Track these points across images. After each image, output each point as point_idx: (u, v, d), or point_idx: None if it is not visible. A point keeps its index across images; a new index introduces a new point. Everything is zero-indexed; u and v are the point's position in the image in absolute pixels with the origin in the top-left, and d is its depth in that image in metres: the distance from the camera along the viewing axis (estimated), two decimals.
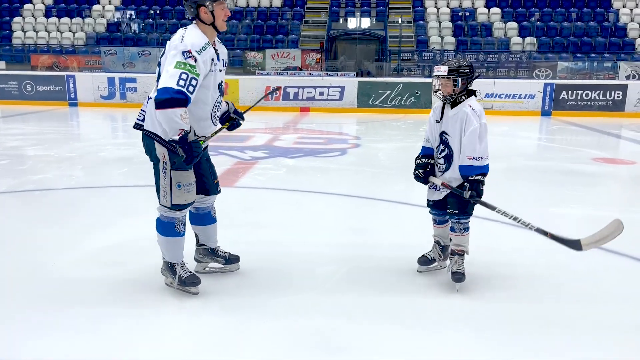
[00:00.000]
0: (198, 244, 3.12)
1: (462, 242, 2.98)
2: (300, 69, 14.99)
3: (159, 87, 2.51)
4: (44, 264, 3.18)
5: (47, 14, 18.04)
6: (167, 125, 2.50)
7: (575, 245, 2.61)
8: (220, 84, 2.77)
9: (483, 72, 14.77)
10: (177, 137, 2.49)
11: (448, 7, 17.79)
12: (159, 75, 2.58)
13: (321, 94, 13.38)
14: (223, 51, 2.82)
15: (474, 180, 2.81)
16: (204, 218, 3.05)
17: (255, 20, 17.47)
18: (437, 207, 3.05)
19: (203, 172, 2.89)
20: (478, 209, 2.91)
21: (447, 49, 15.83)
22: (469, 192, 2.82)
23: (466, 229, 2.96)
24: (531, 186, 5.80)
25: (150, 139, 2.66)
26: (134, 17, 18.02)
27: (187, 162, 2.54)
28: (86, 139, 9.61)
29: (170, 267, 2.84)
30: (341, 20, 18.39)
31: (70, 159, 6.62)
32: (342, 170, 6.39)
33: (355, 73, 14.35)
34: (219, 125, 2.93)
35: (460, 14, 17.25)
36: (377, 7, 18.38)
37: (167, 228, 2.76)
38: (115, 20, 17.92)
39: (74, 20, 17.65)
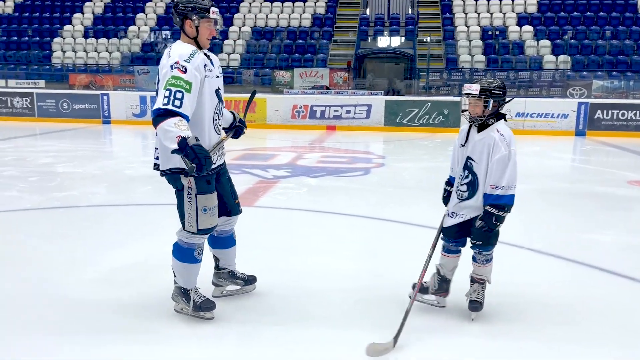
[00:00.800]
0: (217, 268, 3.08)
1: (483, 272, 2.81)
2: (328, 88, 15.03)
3: (152, 109, 2.51)
4: (56, 284, 3.19)
5: (86, 34, 18.70)
6: (164, 139, 2.42)
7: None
8: (217, 91, 2.73)
9: (514, 91, 14.52)
10: (175, 146, 2.36)
11: (478, 25, 17.62)
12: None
13: (348, 112, 13.35)
14: (216, 59, 2.80)
15: (487, 212, 2.65)
16: (226, 241, 3.02)
17: (285, 40, 17.68)
18: (449, 235, 2.84)
19: (223, 193, 2.85)
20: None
21: (477, 67, 15.62)
22: (480, 222, 2.66)
23: (488, 260, 2.79)
24: (561, 210, 5.58)
25: (170, 176, 2.65)
26: (168, 37, 18.47)
27: (198, 168, 2.38)
28: (115, 156, 9.80)
29: (184, 293, 2.79)
30: (370, 39, 18.42)
31: (97, 176, 6.73)
32: (364, 191, 6.29)
33: (383, 91, 14.26)
34: (221, 135, 2.85)
35: (490, 32, 17.04)
36: (407, 26, 18.36)
37: (186, 254, 2.72)
38: (150, 40, 18.43)
39: (110, 40, 18.24)
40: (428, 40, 16.66)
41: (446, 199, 2.94)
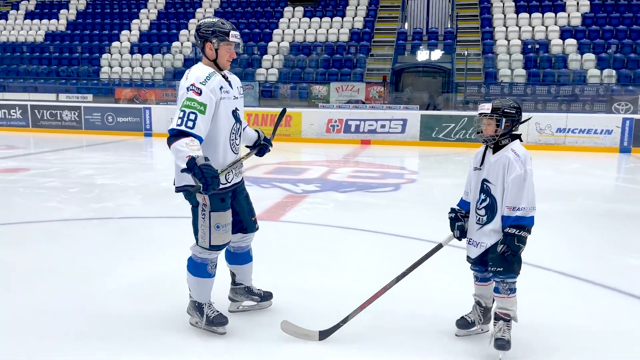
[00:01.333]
0: (234, 283, 3.13)
1: (508, 305, 2.63)
2: (363, 102, 15.06)
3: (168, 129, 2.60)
4: (82, 294, 3.33)
5: (132, 50, 19.46)
6: (176, 158, 2.51)
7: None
8: (234, 111, 2.78)
9: (556, 106, 14.14)
10: (185, 165, 2.43)
11: (519, 38, 17.28)
12: None
13: (383, 126, 13.33)
14: (235, 80, 2.86)
15: (508, 234, 2.54)
16: (242, 257, 3.07)
17: (322, 55, 17.86)
18: (478, 264, 2.76)
19: (240, 210, 2.91)
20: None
21: (516, 82, 15.31)
22: (501, 246, 2.54)
23: (512, 290, 2.62)
24: (598, 231, 5.38)
25: (184, 192, 2.75)
26: None
27: (204, 187, 2.43)
28: (152, 168, 10.13)
29: (197, 307, 2.86)
30: (407, 53, 18.37)
31: (133, 188, 6.98)
32: (392, 207, 6.26)
33: (419, 106, 14.16)
34: (239, 155, 2.90)
35: (530, 46, 16.68)
36: (445, 40, 18.22)
37: (199, 269, 2.79)
38: (192, 56, 18.99)
39: (154, 56, 18.91)
40: (466, 54, 16.45)
41: (452, 226, 2.83)
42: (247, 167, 8.96)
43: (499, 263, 2.59)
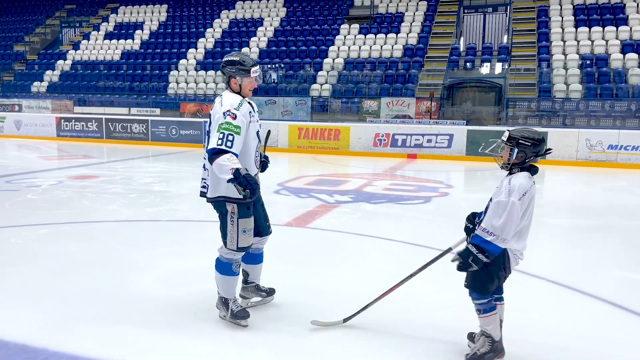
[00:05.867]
0: (246, 282, 3.57)
1: (481, 323, 2.74)
2: (410, 117, 15.35)
3: (207, 149, 3.03)
4: (126, 283, 4.02)
5: (197, 67, 20.82)
6: (220, 172, 2.91)
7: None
8: (257, 133, 3.24)
9: (610, 122, 13.77)
10: (231, 176, 2.84)
11: (577, 53, 16.93)
12: (208, 142, 3.06)
13: (429, 141, 13.58)
14: (255, 105, 3.29)
15: (468, 249, 2.66)
16: (257, 258, 3.53)
17: (376, 70, 18.32)
18: None
19: (257, 216, 3.32)
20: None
21: (570, 97, 15.04)
22: (455, 255, 2.69)
23: (481, 311, 2.72)
24: (620, 248, 5.45)
25: (216, 202, 3.17)
26: (274, 67, 19.84)
27: (251, 193, 2.85)
28: None
29: (224, 302, 3.31)
30: (461, 68, 18.45)
31: (183, 196, 7.78)
32: (416, 218, 6.61)
33: (465, 121, 14.28)
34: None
35: (589, 61, 16.31)
36: (499, 55, 18.15)
37: (225, 268, 3.25)
38: None
39: (217, 73, 20.12)
40: (521, 69, 16.36)
41: (465, 230, 2.96)
42: (292, 178, 9.60)
43: (469, 278, 2.74)
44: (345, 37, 20.30)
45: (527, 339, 3.16)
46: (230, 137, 2.97)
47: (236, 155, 2.98)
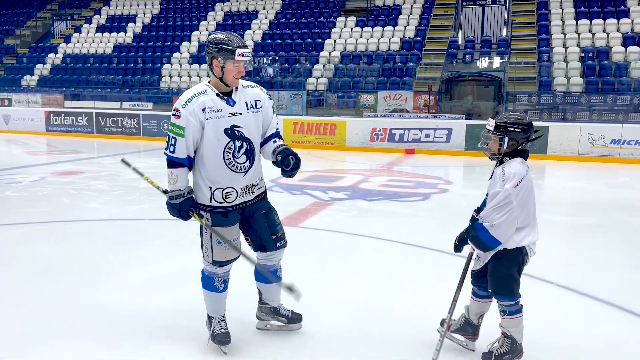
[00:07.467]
0: (260, 301, 3.06)
1: (505, 325, 2.63)
2: (407, 111, 15.02)
3: None
4: (97, 290, 3.67)
5: (191, 61, 20.40)
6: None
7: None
8: (229, 130, 2.65)
9: (612, 116, 13.47)
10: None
11: (578, 46, 16.59)
12: None
13: (427, 136, 13.24)
14: (248, 95, 2.76)
15: (471, 233, 2.60)
16: (266, 276, 2.94)
17: (373, 64, 17.96)
18: (473, 277, 2.78)
19: (257, 228, 2.83)
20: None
21: (571, 91, 14.71)
22: (458, 238, 2.70)
23: (507, 313, 2.59)
24: (620, 247, 5.16)
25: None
26: (268, 62, 19.40)
27: (183, 218, 2.71)
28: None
29: (208, 319, 2.89)
30: (459, 61, 18.10)
31: None
32: (413, 216, 6.29)
33: (464, 116, 13.96)
34: (250, 174, 2.76)
35: (590, 54, 15.99)
36: (498, 49, 17.81)
37: (207, 282, 2.82)
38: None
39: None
40: (521, 62, 16.03)
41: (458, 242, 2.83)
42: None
43: (492, 282, 2.62)
44: (341, 30, 19.91)
45: (527, 338, 2.84)
46: (172, 141, 2.63)
47: (182, 160, 2.64)
